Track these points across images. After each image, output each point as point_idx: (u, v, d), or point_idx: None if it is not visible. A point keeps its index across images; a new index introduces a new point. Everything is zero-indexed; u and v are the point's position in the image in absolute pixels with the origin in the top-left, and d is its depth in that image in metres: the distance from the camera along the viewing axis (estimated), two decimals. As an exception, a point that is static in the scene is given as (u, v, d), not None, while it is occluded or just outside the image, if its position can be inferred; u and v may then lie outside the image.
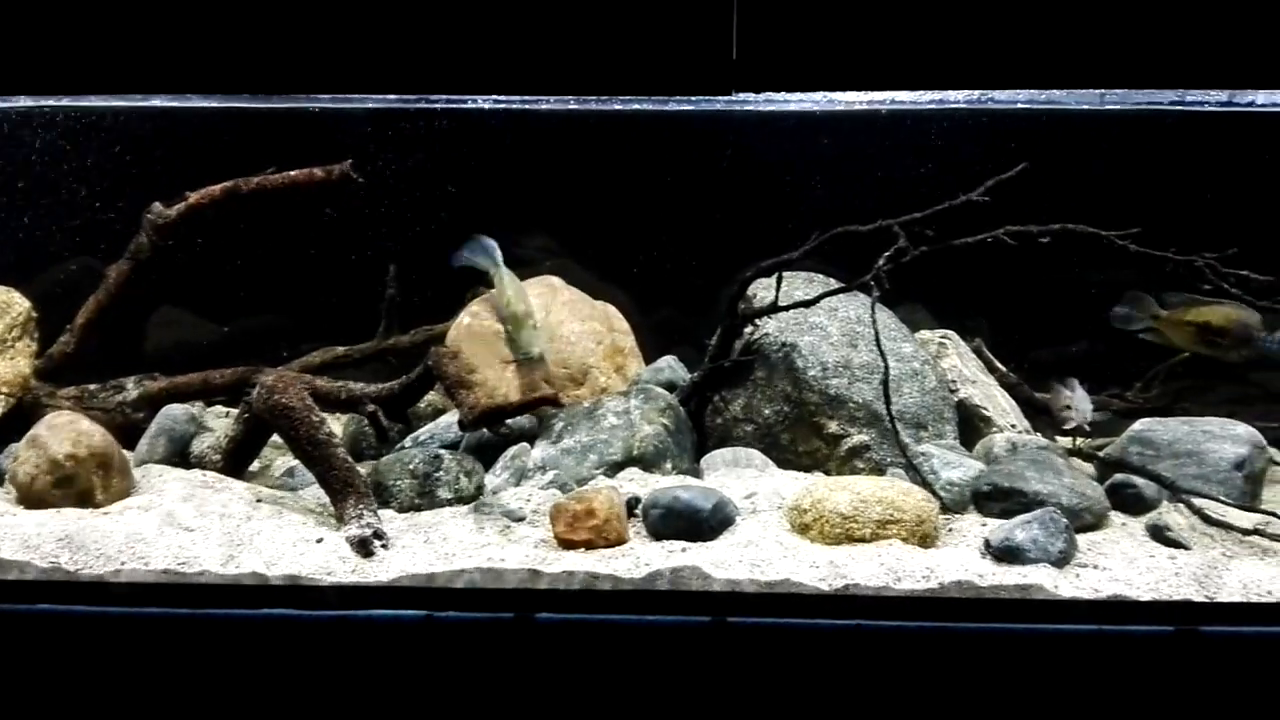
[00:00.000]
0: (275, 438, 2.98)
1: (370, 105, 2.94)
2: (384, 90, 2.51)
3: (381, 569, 2.41)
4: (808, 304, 3.13)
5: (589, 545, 2.52)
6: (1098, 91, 2.43)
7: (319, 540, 2.51)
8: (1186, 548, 2.61)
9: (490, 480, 2.96)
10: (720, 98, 2.28)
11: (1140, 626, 2.33)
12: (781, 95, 2.39)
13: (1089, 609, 2.34)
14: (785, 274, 3.37)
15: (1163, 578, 2.42)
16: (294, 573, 2.40)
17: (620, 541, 2.55)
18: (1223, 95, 2.46)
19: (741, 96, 2.27)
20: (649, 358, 3.62)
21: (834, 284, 3.26)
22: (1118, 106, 2.56)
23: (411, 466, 2.82)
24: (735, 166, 3.37)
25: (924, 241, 2.84)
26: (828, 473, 3.08)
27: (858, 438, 3.09)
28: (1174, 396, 3.49)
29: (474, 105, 2.56)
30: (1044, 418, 3.45)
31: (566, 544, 2.53)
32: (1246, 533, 2.67)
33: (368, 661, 2.33)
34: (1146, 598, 2.36)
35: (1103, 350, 3.85)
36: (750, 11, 2.16)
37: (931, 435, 3.16)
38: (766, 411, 3.20)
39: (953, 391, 3.36)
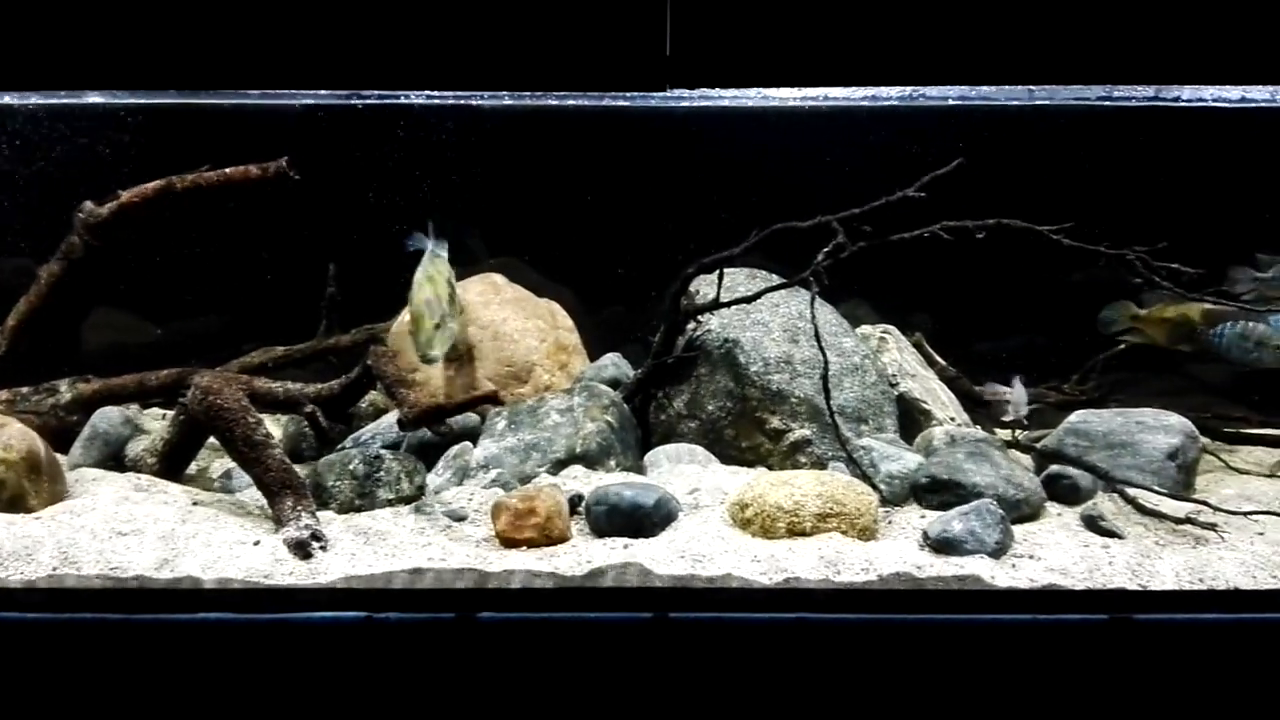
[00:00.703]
0: (214, 439, 2.93)
1: (306, 101, 2.90)
2: (318, 86, 2.48)
3: (320, 571, 2.38)
4: (749, 300, 3.15)
5: (531, 543, 2.51)
6: (1026, 87, 2.47)
7: (256, 543, 2.48)
8: (1120, 537, 2.66)
9: (432, 480, 2.94)
10: (655, 94, 2.28)
11: (1075, 615, 2.37)
12: (716, 91, 2.40)
13: (1025, 599, 2.38)
14: (728, 270, 3.39)
15: (1096, 567, 2.46)
16: (231, 576, 2.36)
17: (563, 539, 2.55)
18: (1149, 90, 2.51)
19: (677, 93, 2.27)
20: (594, 355, 3.62)
21: (777, 280, 3.28)
22: (1046, 101, 2.60)
23: (351, 467, 2.78)
24: (676, 162, 3.37)
25: (862, 237, 2.87)
26: (770, 467, 3.10)
27: (799, 432, 3.11)
28: (1109, 388, 3.56)
29: (406, 101, 2.54)
30: (983, 410, 3.50)
31: (508, 542, 2.52)
32: (1179, 522, 2.73)
33: (307, 665, 2.30)
34: (1081, 587, 2.40)
35: (1042, 344, 3.92)
36: (684, 8, 2.16)
37: (872, 429, 3.19)
38: (710, 407, 3.21)
39: (893, 386, 3.40)
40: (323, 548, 2.44)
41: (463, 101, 2.54)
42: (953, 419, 3.37)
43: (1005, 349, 3.91)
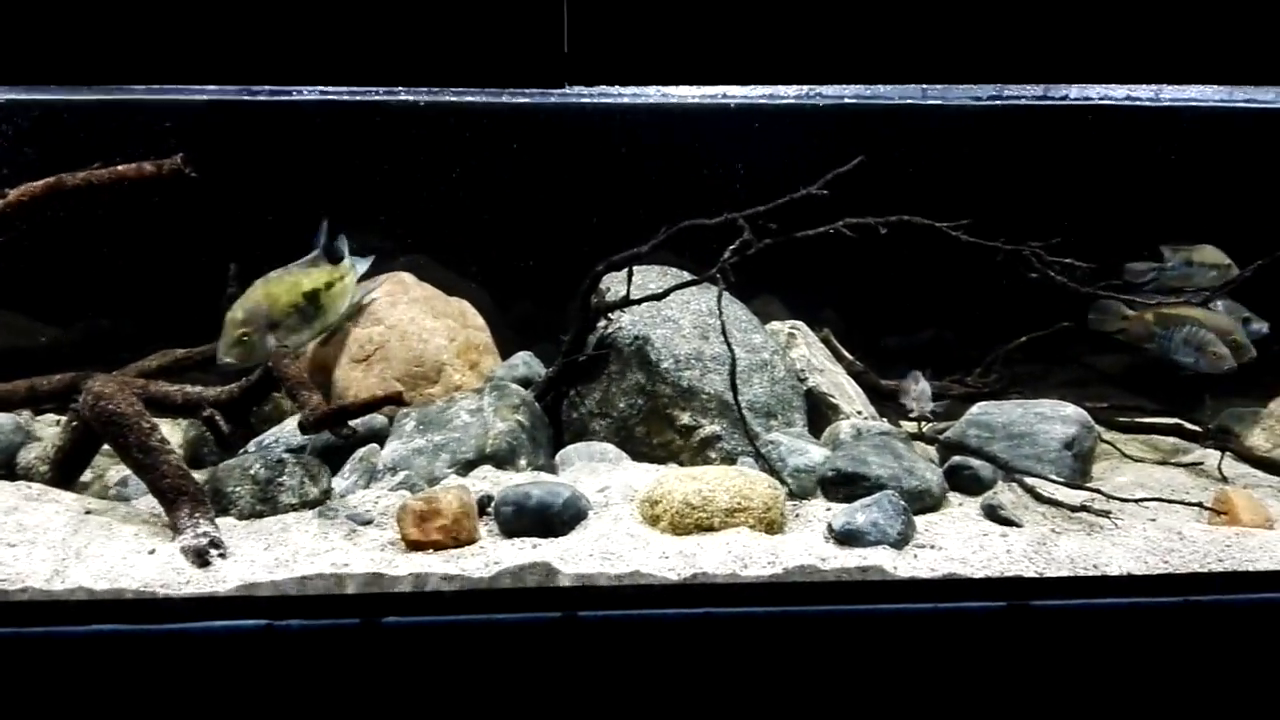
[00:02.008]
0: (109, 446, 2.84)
1: (203, 97, 2.82)
2: (211, 81, 2.41)
3: (218, 579, 2.32)
4: (658, 297, 3.16)
5: (438, 546, 2.48)
6: (920, 86, 2.51)
7: (151, 552, 2.41)
8: (1019, 525, 2.72)
9: (338, 483, 2.89)
10: (554, 91, 2.27)
11: (974, 603, 2.42)
12: (616, 89, 2.40)
13: (926, 588, 2.43)
14: (641, 268, 3.40)
15: (995, 555, 2.52)
16: (125, 586, 2.29)
17: (470, 541, 2.52)
18: (1038, 89, 2.58)
19: (575, 90, 2.26)
20: (507, 354, 3.59)
21: (688, 277, 3.29)
22: (939, 101, 2.66)
23: (252, 472, 2.72)
24: (581, 160, 3.36)
25: (768, 234, 2.89)
26: (681, 464, 3.11)
27: (709, 428, 3.13)
28: (1010, 381, 3.64)
29: (299, 97, 2.48)
30: (889, 403, 3.56)
31: (414, 545, 2.49)
32: (1074, 509, 2.81)
33: (205, 676, 2.24)
34: (980, 575, 2.46)
35: (948, 338, 4.01)
36: (582, 6, 2.15)
37: (781, 423, 3.23)
38: (621, 405, 3.21)
39: (802, 380, 3.44)
40: (221, 555, 2.38)
41: (358, 98, 2.50)
42: (859, 413, 3.42)
43: (912, 343, 3.99)
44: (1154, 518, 2.79)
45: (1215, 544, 2.59)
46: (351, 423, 2.71)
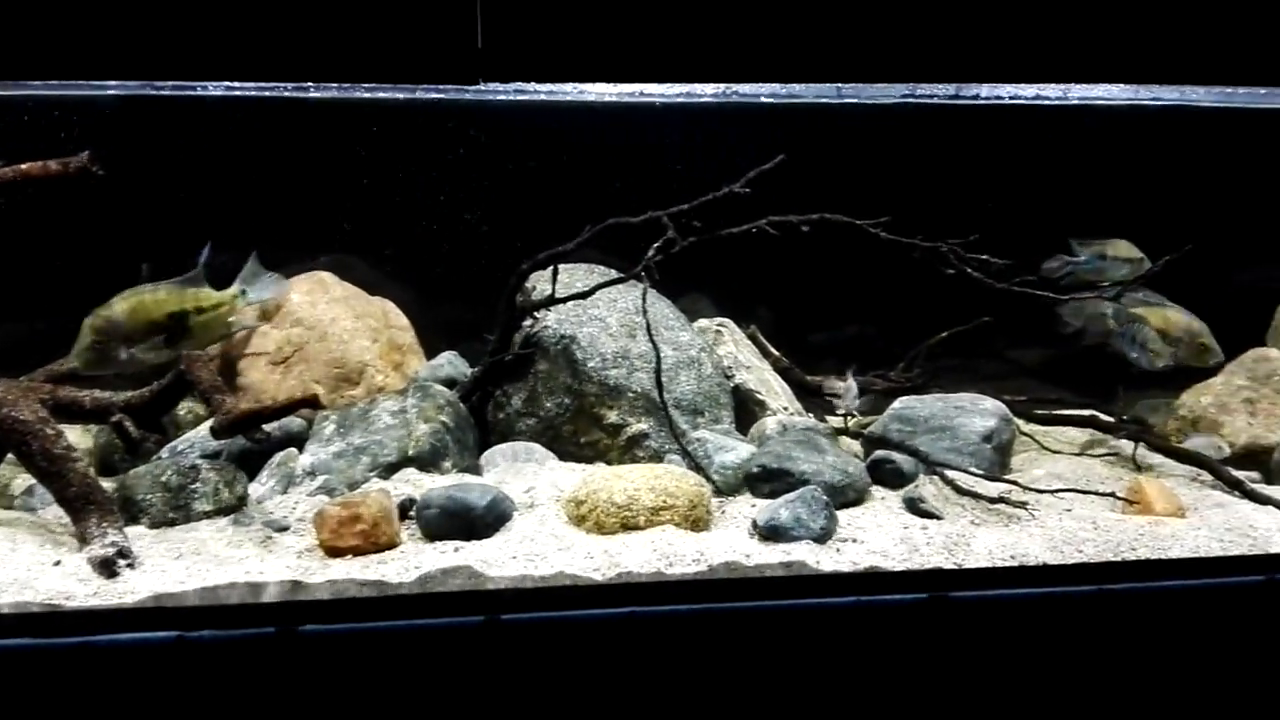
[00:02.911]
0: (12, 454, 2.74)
1: (110, 93, 2.73)
2: (116, 77, 2.33)
3: (127, 589, 2.25)
4: (584, 295, 3.14)
5: (357, 551, 2.44)
6: (835, 85, 2.53)
7: (56, 563, 2.33)
8: (939, 518, 2.76)
9: (255, 489, 2.82)
10: (469, 88, 2.24)
11: (895, 596, 2.44)
12: (532, 86, 2.38)
13: (848, 581, 2.44)
14: (568, 266, 3.38)
15: (915, 548, 2.55)
16: (29, 599, 2.21)
17: (391, 545, 2.48)
18: (950, 89, 2.62)
19: (490, 87, 2.23)
20: (434, 354, 3.55)
21: (615, 275, 3.28)
22: (853, 100, 2.68)
23: (164, 479, 2.65)
24: (506, 157, 3.33)
25: (692, 232, 2.89)
26: (609, 463, 3.10)
27: (637, 426, 3.12)
28: (932, 375, 3.69)
29: (204, 93, 2.41)
30: (815, 399, 3.59)
31: (333, 551, 2.44)
32: (993, 501, 2.85)
33: (114, 691, 2.17)
34: (900, 567, 2.49)
35: (873, 334, 4.05)
36: (496, 1, 2.12)
37: (708, 421, 3.23)
38: (548, 404, 3.19)
39: (729, 378, 3.45)
40: (130, 565, 2.31)
41: (266, 93, 2.43)
42: (786, 408, 3.44)
43: (838, 339, 4.03)
44: (1070, 508, 2.84)
45: (1128, 533, 2.66)
46: (266, 427, 2.64)
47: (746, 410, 3.43)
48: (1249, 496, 2.98)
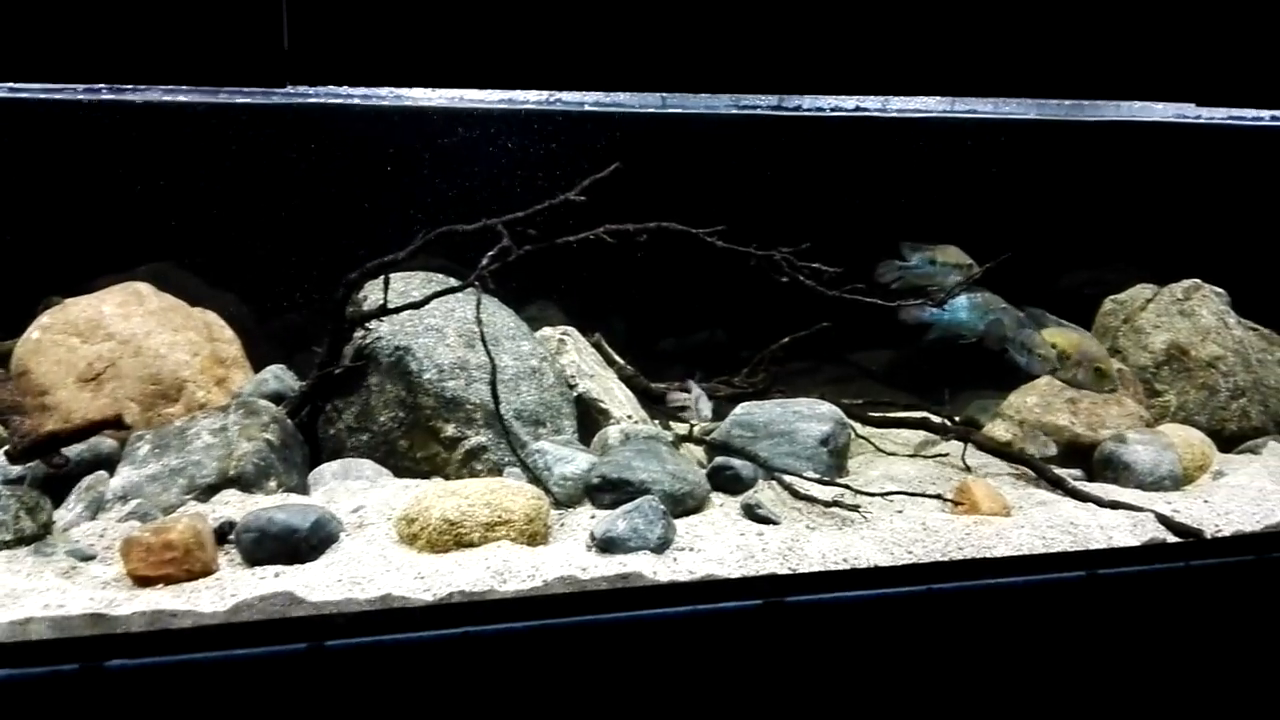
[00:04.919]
0: None
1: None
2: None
3: (-98, 633, 2.06)
4: (416, 305, 3.04)
5: (169, 580, 2.30)
6: (659, 95, 2.53)
7: None
8: (776, 523, 2.78)
9: (62, 515, 2.63)
10: (277, 90, 2.13)
11: (731, 603, 2.45)
12: (345, 89, 2.28)
13: (684, 591, 2.43)
14: (406, 275, 3.28)
15: (751, 554, 2.56)
16: None
17: (207, 573, 2.35)
18: (773, 99, 2.64)
19: (300, 89, 2.13)
20: (265, 367, 3.38)
21: (455, 283, 3.19)
22: (678, 110, 2.69)
23: (-47, 509, 2.44)
24: (334, 164, 3.21)
25: (527, 240, 2.84)
26: (447, 477, 3.02)
27: (475, 439, 3.05)
28: (774, 380, 3.73)
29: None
30: (660, 406, 3.58)
31: (142, 581, 2.29)
32: (828, 504, 2.90)
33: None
34: (736, 574, 2.49)
35: (722, 339, 4.08)
36: (304, 2, 2.02)
37: (550, 431, 3.18)
38: (382, 418, 3.08)
39: (571, 387, 3.41)
40: (-93, 606, 2.12)
41: (54, 96, 2.26)
42: (630, 417, 3.42)
43: (687, 345, 4.04)
44: (901, 510, 2.91)
45: (956, 533, 2.73)
46: (69, 450, 2.46)
47: (590, 419, 3.39)
48: (1071, 494, 3.10)
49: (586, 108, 2.67)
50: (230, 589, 2.27)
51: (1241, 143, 3.92)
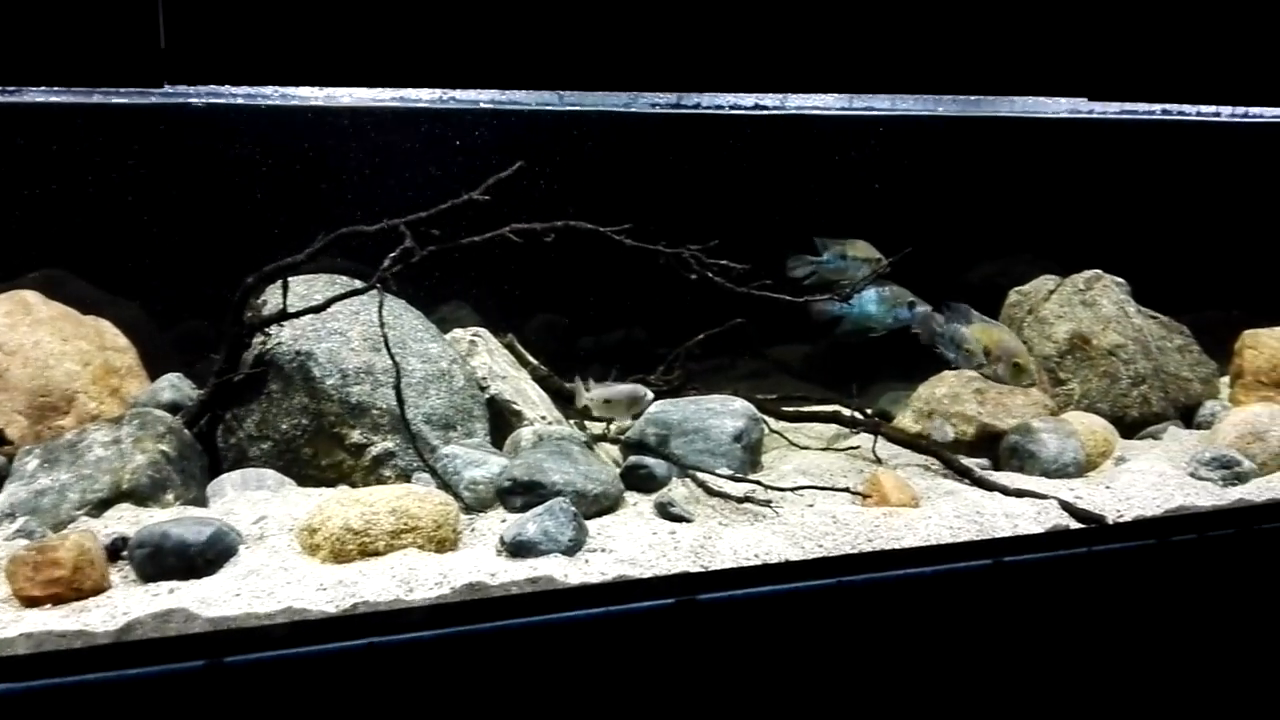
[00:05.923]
0: None
1: None
2: None
3: None
4: (317, 310, 2.97)
5: (57, 600, 2.21)
6: (556, 92, 2.51)
7: None
8: (689, 520, 2.77)
9: (-57, 536, 2.51)
10: (154, 90, 2.05)
11: (644, 603, 2.43)
12: (228, 89, 2.21)
13: (596, 593, 2.41)
14: (308, 278, 3.20)
15: (664, 553, 2.54)
16: None
17: (98, 591, 2.26)
18: (671, 97, 2.64)
19: (178, 89, 2.06)
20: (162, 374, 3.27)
21: (360, 286, 3.12)
22: (576, 107, 2.66)
23: None
24: (223, 165, 3.11)
25: (432, 241, 2.79)
26: (354, 484, 2.95)
27: (382, 445, 2.99)
28: (690, 377, 3.73)
29: None
30: (574, 406, 3.55)
31: (29, 601, 2.20)
32: (740, 501, 2.90)
33: None
34: (649, 574, 2.48)
35: (640, 337, 4.07)
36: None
37: (461, 434, 3.13)
38: (284, 426, 3.00)
39: (483, 389, 3.36)
40: None
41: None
42: (544, 418, 3.39)
43: (604, 344, 4.02)
44: (812, 503, 2.92)
45: (865, 525, 2.75)
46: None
47: (503, 421, 3.35)
48: (977, 483, 3.15)
49: (482, 105, 2.62)
50: (122, 607, 2.19)
51: (1135, 136, 4.03)
